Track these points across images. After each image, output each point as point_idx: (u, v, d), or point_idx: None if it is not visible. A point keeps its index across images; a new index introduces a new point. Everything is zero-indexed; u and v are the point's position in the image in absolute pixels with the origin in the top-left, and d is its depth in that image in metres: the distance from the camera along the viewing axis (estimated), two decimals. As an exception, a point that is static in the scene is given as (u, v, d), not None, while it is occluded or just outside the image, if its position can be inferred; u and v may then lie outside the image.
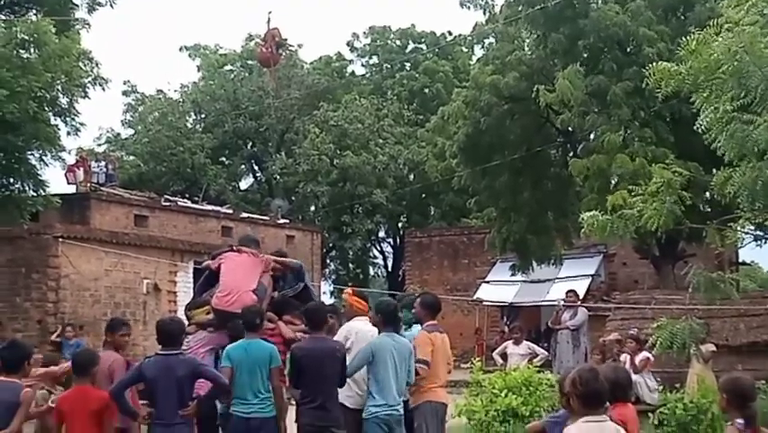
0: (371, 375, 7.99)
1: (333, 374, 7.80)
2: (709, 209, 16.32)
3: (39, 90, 20.22)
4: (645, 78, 9.62)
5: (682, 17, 18.86)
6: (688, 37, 9.10)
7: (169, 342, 7.18)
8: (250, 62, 40.59)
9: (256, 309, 8.08)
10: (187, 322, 8.88)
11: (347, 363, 7.96)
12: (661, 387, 12.42)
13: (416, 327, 8.98)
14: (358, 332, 8.30)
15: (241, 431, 7.64)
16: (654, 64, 9.38)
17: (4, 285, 18.77)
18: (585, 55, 18.81)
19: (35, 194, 21.93)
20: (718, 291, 9.62)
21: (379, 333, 8.24)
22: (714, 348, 12.95)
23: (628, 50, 18.64)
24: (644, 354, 12.14)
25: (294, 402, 8.50)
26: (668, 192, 9.31)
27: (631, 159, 16.42)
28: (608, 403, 5.02)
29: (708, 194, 14.52)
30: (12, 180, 21.72)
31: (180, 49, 43.78)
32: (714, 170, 9.70)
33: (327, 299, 29.51)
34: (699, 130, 9.00)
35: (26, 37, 20.50)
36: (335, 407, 7.85)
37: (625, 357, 12.25)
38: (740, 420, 5.48)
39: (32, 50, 20.68)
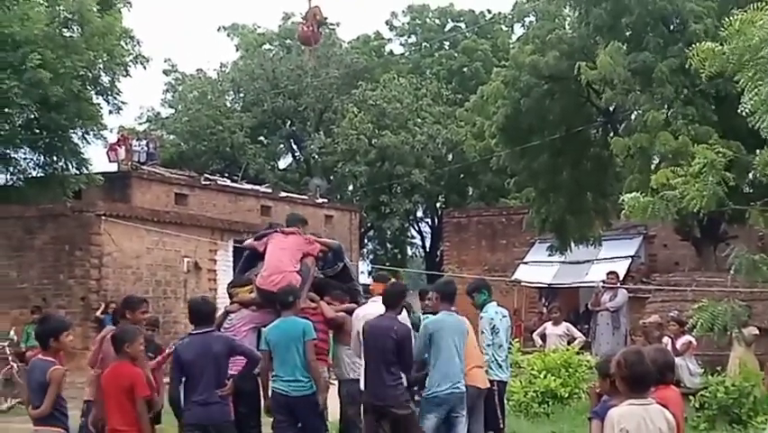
0: (430, 354, 8.07)
1: (388, 354, 7.82)
2: (752, 190, 16.09)
3: (81, 69, 20.45)
4: (689, 57, 9.48)
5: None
6: (731, 17, 8.95)
7: (202, 321, 7.28)
8: (288, 41, 40.59)
9: (290, 289, 8.16)
10: (229, 300, 9.02)
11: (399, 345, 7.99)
12: (702, 370, 12.33)
13: (492, 306, 9.07)
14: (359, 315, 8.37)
15: (281, 407, 7.77)
16: (698, 44, 9.23)
17: (49, 262, 19.08)
18: (628, 33, 18.50)
19: (78, 172, 22.25)
20: (760, 274, 9.47)
21: (438, 312, 8.40)
22: (756, 331, 12.83)
23: (673, 26, 18.36)
24: (687, 337, 12.04)
25: (333, 381, 8.63)
26: (711, 173, 9.18)
27: (674, 137, 16.21)
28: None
29: (751, 175, 14.30)
30: (55, 159, 22.05)
31: (219, 29, 43.98)
32: (758, 150, 9.52)
33: (364, 279, 29.62)
34: (744, 113, 8.85)
35: (69, 15, 20.73)
36: (394, 387, 7.87)
37: (666, 340, 12.15)
38: (785, 404, 5.43)
39: (74, 28, 20.90)
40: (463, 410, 8.20)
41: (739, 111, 8.97)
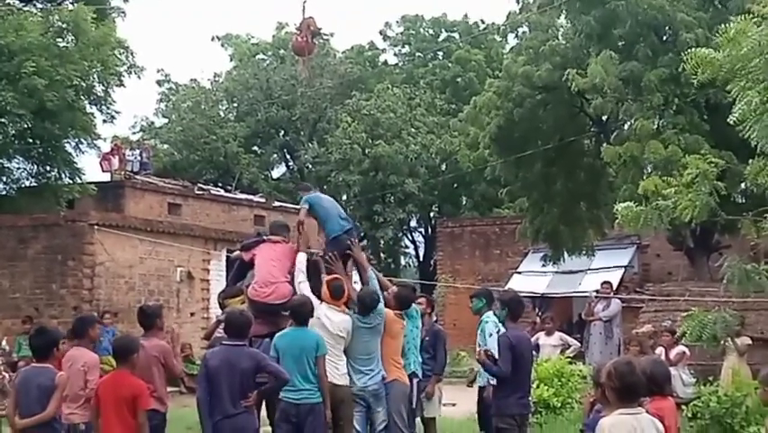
0: None
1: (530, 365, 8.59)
2: (744, 200, 16.15)
3: (76, 79, 20.44)
4: (682, 63, 9.48)
5: (720, 5, 18.62)
6: (726, 25, 8.97)
7: (235, 334, 7.25)
8: (282, 51, 40.66)
9: (311, 306, 8.08)
10: (220, 310, 8.99)
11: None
12: (695, 380, 12.34)
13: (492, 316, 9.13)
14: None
15: (291, 416, 7.76)
16: (692, 50, 9.25)
17: (41, 272, 19.01)
18: (620, 43, 18.60)
19: (71, 181, 22.20)
20: (753, 284, 9.49)
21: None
22: (749, 341, 12.85)
23: (664, 36, 18.44)
24: (680, 348, 12.06)
25: None
26: (703, 183, 9.21)
27: (664, 146, 16.25)
28: (647, 397, 4.98)
29: (743, 185, 14.35)
30: (49, 168, 22.00)
31: (212, 39, 44.07)
32: (750, 160, 9.54)
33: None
34: (732, 122, 8.89)
35: (63, 25, 20.74)
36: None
37: (660, 350, 12.17)
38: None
39: (69, 38, 20.91)
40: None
41: (729, 120, 9.00)
